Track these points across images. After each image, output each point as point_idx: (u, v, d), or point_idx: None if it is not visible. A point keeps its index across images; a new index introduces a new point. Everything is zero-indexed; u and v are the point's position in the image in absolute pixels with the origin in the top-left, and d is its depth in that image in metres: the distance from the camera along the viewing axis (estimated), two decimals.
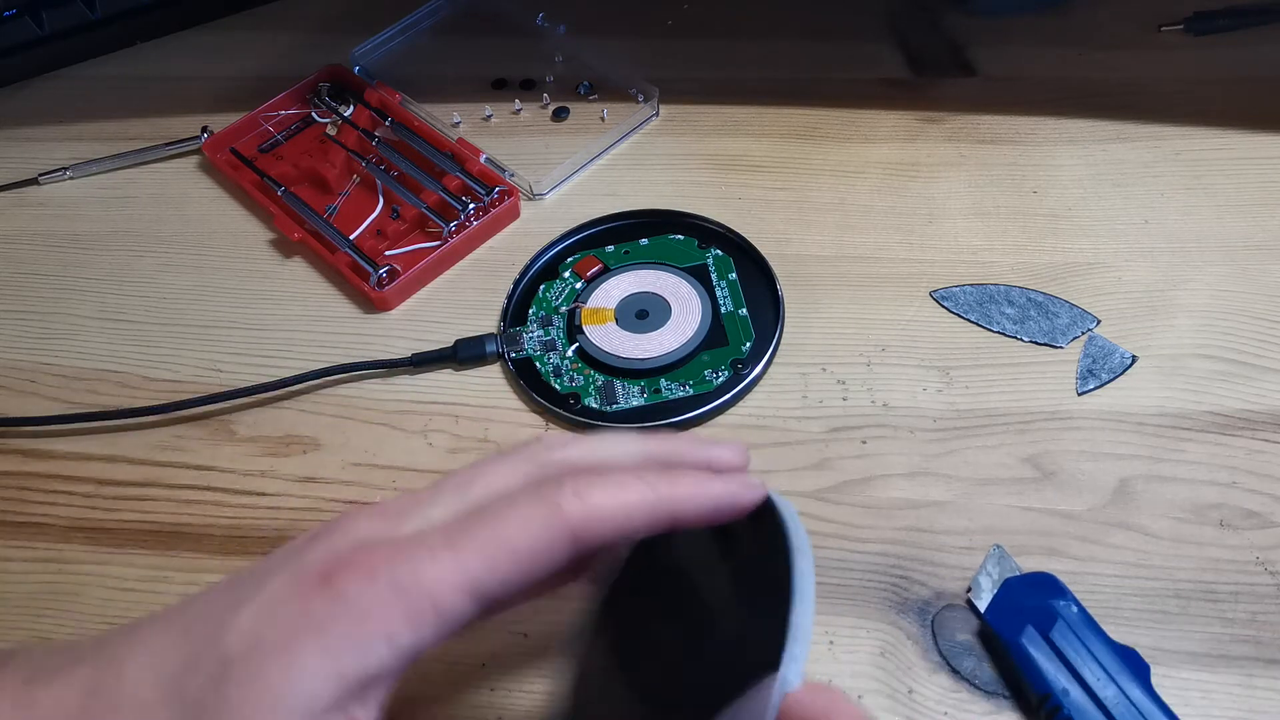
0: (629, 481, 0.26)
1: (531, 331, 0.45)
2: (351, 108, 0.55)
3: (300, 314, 0.47)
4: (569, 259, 0.48)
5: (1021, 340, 0.43)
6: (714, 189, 0.50)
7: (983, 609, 0.35)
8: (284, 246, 0.50)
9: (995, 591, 0.35)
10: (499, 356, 0.45)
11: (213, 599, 0.25)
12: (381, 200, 0.51)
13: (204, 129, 0.54)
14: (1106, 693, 0.32)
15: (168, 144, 0.55)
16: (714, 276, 0.46)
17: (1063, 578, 0.35)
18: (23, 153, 0.56)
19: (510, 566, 0.24)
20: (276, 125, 0.54)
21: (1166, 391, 0.41)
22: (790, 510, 0.25)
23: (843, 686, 0.35)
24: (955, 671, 0.35)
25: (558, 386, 0.43)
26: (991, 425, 0.41)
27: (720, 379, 0.43)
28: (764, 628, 0.23)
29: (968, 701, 0.34)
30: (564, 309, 0.46)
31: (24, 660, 0.25)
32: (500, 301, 0.46)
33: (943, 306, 0.45)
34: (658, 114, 0.54)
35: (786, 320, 0.44)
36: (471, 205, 0.48)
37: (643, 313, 0.45)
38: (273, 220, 0.50)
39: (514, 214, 0.50)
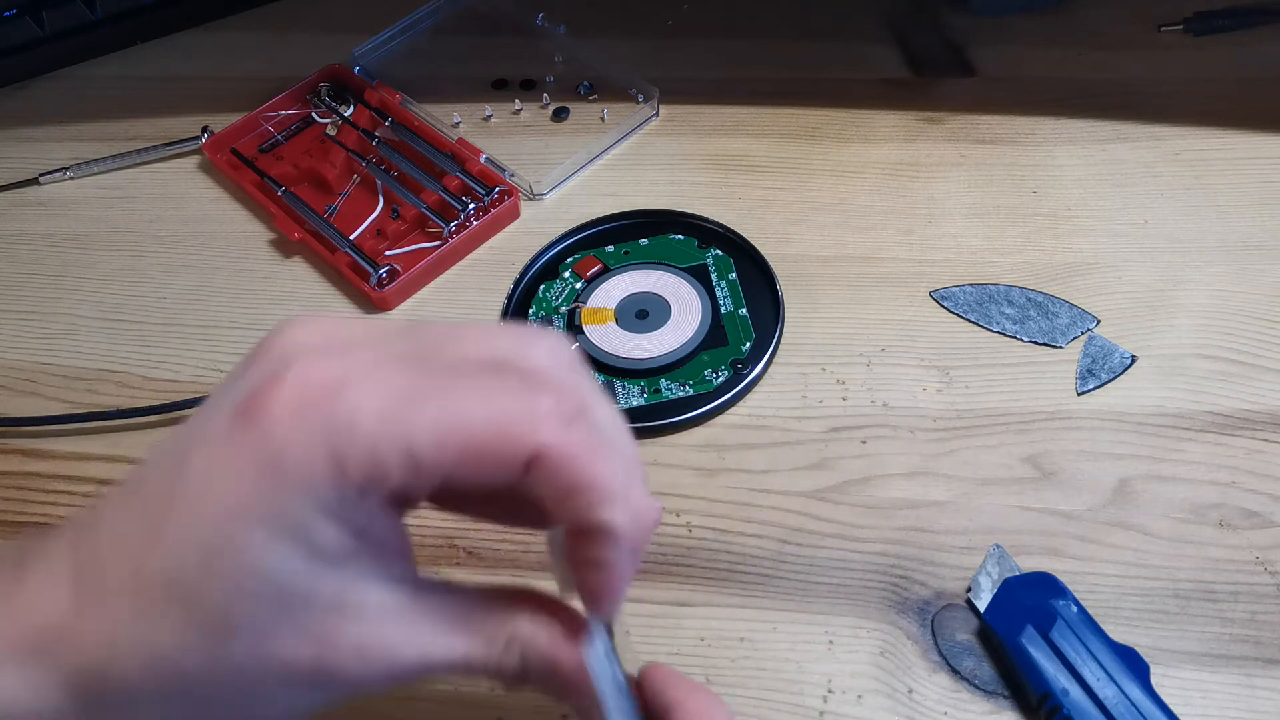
0: (620, 462, 0.22)
1: None
2: (351, 108, 0.55)
3: (301, 314, 0.47)
4: (569, 259, 0.48)
5: (1021, 340, 0.43)
6: (714, 189, 0.50)
7: (982, 609, 0.35)
8: (284, 246, 0.50)
9: (995, 591, 0.35)
10: None
11: (165, 455, 0.22)
12: (381, 200, 0.51)
13: (204, 129, 0.54)
14: (1106, 692, 0.32)
15: (168, 144, 0.55)
16: (714, 276, 0.46)
17: (1063, 578, 0.35)
18: (23, 153, 0.56)
19: (457, 453, 0.20)
20: (277, 125, 0.54)
21: (1166, 391, 0.41)
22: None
23: (843, 686, 0.35)
24: (955, 671, 0.35)
25: None
26: (991, 425, 0.41)
27: (720, 379, 0.43)
28: None
29: (968, 701, 0.34)
30: (564, 309, 0.46)
31: (13, 547, 0.23)
32: (500, 301, 0.46)
33: (943, 306, 0.45)
34: (658, 114, 0.54)
35: (786, 320, 0.44)
36: (471, 205, 0.48)
37: (643, 313, 0.45)
38: (273, 220, 0.50)
39: (514, 214, 0.50)
